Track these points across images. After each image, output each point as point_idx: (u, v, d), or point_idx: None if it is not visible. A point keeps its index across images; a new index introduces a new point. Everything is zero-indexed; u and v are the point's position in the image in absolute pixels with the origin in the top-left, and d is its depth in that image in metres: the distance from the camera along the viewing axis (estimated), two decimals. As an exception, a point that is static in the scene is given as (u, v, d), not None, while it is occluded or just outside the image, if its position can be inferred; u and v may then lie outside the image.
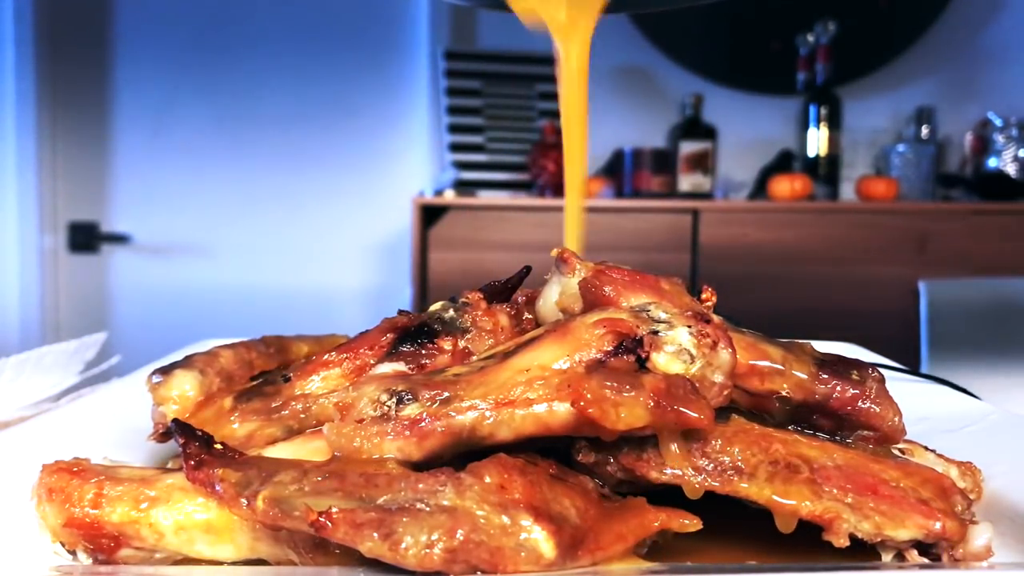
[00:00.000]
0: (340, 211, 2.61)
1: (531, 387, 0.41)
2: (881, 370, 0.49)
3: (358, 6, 2.56)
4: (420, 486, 0.38)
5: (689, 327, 0.43)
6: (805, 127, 2.36)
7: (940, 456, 0.48)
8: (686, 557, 0.42)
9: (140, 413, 0.55)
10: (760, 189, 2.31)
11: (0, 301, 2.56)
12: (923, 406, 0.61)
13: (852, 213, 2.13)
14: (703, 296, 0.53)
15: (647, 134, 2.40)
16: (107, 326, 2.53)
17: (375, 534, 0.36)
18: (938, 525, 0.40)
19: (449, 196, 2.16)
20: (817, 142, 2.33)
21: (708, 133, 2.24)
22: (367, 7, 2.57)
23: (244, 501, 0.39)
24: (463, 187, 2.24)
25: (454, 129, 2.30)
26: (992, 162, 2.31)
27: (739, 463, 0.42)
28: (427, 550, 0.36)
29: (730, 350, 0.43)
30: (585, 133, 0.49)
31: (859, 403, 0.46)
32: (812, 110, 2.33)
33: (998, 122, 2.32)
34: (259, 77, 2.58)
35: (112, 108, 2.59)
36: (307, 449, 0.46)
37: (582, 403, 0.39)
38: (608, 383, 0.40)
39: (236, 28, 2.57)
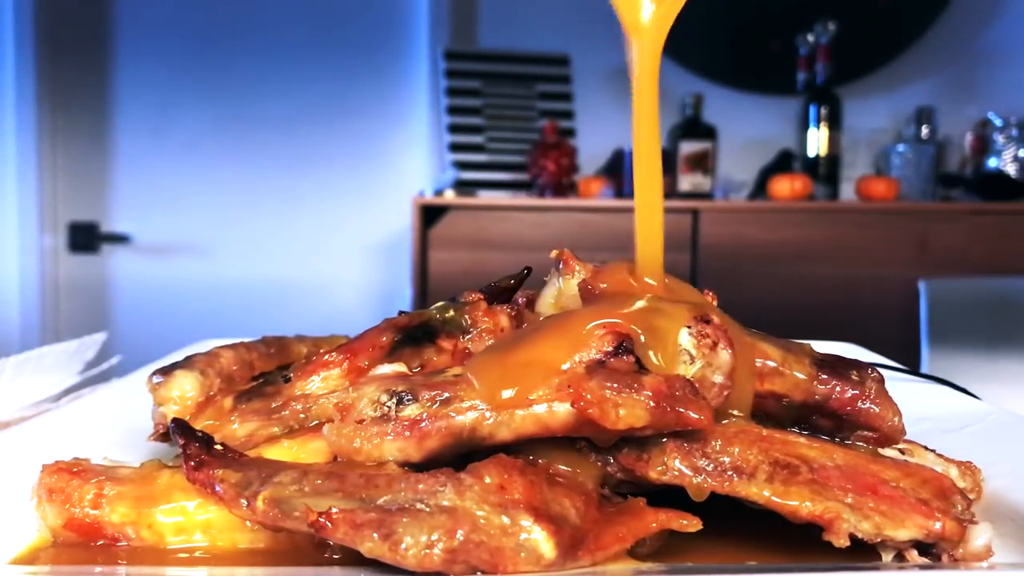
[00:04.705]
0: (340, 211, 2.61)
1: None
2: (881, 370, 0.49)
3: (358, 6, 2.57)
4: (420, 486, 0.38)
5: (689, 327, 0.43)
6: (805, 127, 2.36)
7: (940, 456, 0.48)
8: (686, 557, 0.42)
9: (140, 413, 0.55)
10: (760, 189, 2.31)
11: (0, 301, 2.56)
12: (923, 406, 0.61)
13: (852, 213, 2.13)
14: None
15: (647, 134, 2.40)
16: (107, 326, 2.53)
17: (375, 534, 0.36)
18: (938, 525, 0.40)
19: (449, 196, 2.16)
20: (817, 142, 2.33)
21: (708, 133, 2.24)
22: (367, 7, 2.57)
23: (244, 502, 0.39)
24: (463, 187, 2.24)
25: (454, 129, 2.29)
26: (992, 162, 2.31)
27: (739, 463, 0.42)
28: (427, 550, 0.36)
29: (730, 350, 0.43)
30: (657, 136, 0.45)
31: (859, 403, 0.46)
32: (812, 110, 2.33)
33: (998, 122, 2.32)
34: (259, 77, 2.58)
35: (112, 108, 2.59)
36: (307, 450, 0.46)
37: (582, 403, 0.39)
38: (608, 383, 0.40)
39: (236, 28, 2.57)
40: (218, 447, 0.43)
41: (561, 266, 0.51)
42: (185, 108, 2.58)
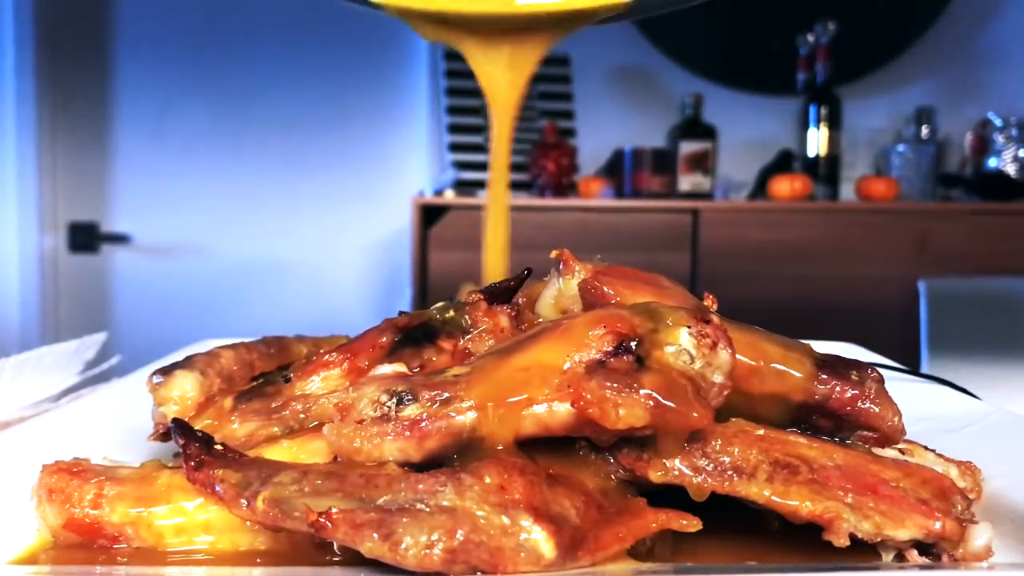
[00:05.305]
0: (340, 211, 2.61)
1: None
2: (881, 370, 0.49)
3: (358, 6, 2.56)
4: (420, 487, 0.38)
5: (689, 327, 0.43)
6: (805, 127, 2.36)
7: (940, 456, 0.48)
8: (686, 557, 0.42)
9: (140, 413, 0.55)
10: (760, 189, 2.31)
11: (0, 301, 2.56)
12: (923, 406, 0.60)
13: (852, 213, 2.13)
14: (705, 302, 0.53)
15: (647, 134, 2.40)
16: (107, 326, 2.53)
17: (375, 534, 0.36)
18: (938, 525, 0.40)
19: (449, 196, 2.16)
20: (817, 142, 2.33)
21: (708, 133, 2.24)
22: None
23: (244, 502, 0.39)
24: (463, 187, 2.24)
25: (454, 129, 2.30)
26: (992, 162, 2.31)
27: (739, 463, 0.42)
28: (427, 550, 0.36)
29: (730, 350, 0.43)
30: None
31: (858, 403, 0.46)
32: (812, 110, 2.33)
33: (998, 122, 2.32)
34: (259, 77, 2.58)
35: (112, 108, 2.59)
36: (307, 450, 0.46)
37: (582, 403, 0.39)
38: (608, 383, 0.40)
39: (236, 28, 2.57)
40: (218, 447, 0.43)
41: (561, 266, 0.51)
42: (185, 109, 2.58)
